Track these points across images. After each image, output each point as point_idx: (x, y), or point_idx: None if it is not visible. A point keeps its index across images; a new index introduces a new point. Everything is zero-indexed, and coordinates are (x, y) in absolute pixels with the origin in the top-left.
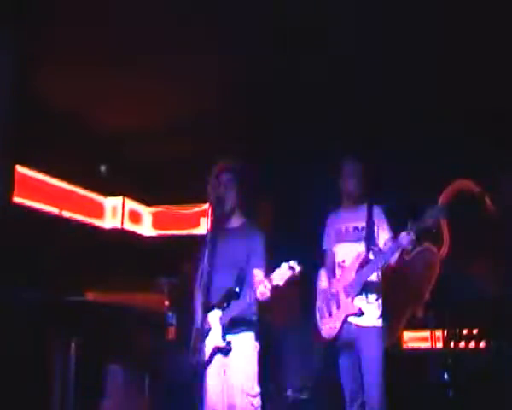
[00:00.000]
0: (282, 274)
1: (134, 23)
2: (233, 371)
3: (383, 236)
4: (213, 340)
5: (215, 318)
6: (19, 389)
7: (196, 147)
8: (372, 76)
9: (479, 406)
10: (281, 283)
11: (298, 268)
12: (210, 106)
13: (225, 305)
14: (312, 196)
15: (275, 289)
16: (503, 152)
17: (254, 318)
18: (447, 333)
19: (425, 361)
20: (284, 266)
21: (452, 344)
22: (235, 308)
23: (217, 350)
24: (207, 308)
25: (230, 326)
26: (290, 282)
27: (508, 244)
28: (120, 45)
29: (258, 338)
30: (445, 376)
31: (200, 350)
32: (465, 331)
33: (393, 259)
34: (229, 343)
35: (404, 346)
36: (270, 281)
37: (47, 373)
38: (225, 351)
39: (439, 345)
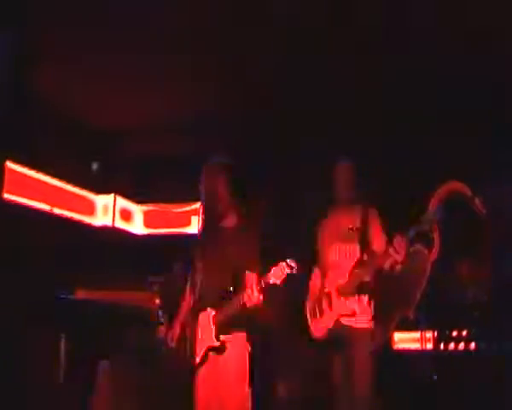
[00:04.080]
0: (280, 272)
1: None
2: (224, 371)
3: (377, 238)
4: (207, 340)
5: (209, 317)
6: (8, 387)
7: (188, 145)
8: (370, 75)
9: (468, 406)
10: (278, 281)
11: (295, 267)
12: (204, 105)
13: (219, 305)
14: (307, 195)
15: (272, 287)
16: (495, 154)
17: (247, 318)
18: (437, 334)
19: (415, 362)
20: (282, 264)
21: (442, 345)
22: (229, 308)
23: (210, 350)
24: (200, 308)
25: (224, 326)
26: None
27: (497, 246)
28: (115, 43)
29: (249, 339)
30: (435, 377)
31: (192, 350)
32: (455, 333)
33: (388, 264)
34: (223, 343)
35: (395, 347)
36: (267, 278)
37: (36, 371)
38: (219, 351)
39: (430, 346)
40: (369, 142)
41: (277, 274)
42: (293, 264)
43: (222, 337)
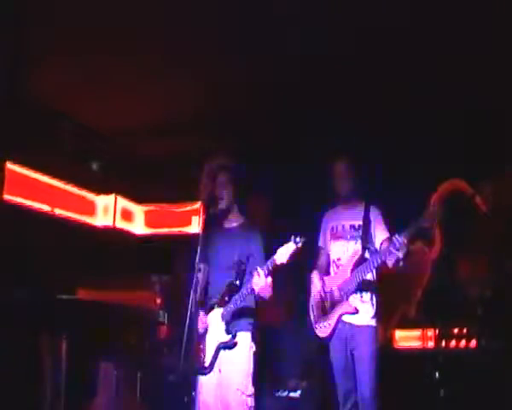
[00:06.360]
0: (286, 250)
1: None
2: (229, 369)
3: (379, 236)
4: (217, 337)
5: (217, 316)
6: (9, 389)
7: (189, 145)
8: (369, 76)
9: (469, 404)
10: (284, 260)
11: (301, 240)
12: (205, 104)
13: (226, 300)
14: (309, 193)
15: (278, 269)
16: (495, 153)
17: (254, 313)
18: (438, 332)
19: (416, 360)
20: (287, 243)
21: (443, 343)
22: (236, 302)
23: (221, 346)
24: (207, 308)
25: (233, 321)
26: (285, 282)
27: (498, 244)
28: (116, 43)
29: (254, 339)
30: (436, 375)
31: (194, 350)
32: (456, 330)
33: (390, 262)
34: (234, 336)
35: (396, 345)
36: (274, 260)
37: (38, 372)
38: (230, 345)
39: (431, 344)
40: (369, 142)
41: (283, 253)
42: (298, 239)
43: (227, 337)
